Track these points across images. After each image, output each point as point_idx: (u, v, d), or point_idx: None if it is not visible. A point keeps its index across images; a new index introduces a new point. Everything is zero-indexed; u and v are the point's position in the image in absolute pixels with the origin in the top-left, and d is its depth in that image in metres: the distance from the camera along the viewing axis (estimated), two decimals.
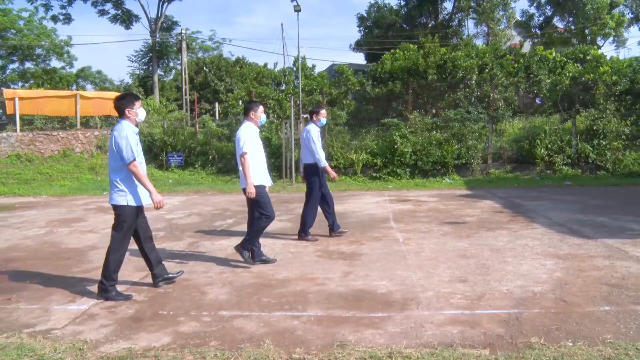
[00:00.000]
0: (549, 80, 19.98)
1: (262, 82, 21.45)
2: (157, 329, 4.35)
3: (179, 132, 19.93)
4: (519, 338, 3.93)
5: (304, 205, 8.06)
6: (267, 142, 17.75)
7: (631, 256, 6.34)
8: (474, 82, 19.37)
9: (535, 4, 37.61)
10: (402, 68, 19.80)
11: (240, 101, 20.51)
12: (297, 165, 17.08)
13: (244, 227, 9.05)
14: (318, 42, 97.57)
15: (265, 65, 23.43)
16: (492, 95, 19.17)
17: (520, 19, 39.17)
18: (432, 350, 3.75)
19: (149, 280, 5.66)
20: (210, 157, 18.84)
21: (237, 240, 7.62)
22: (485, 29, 37.22)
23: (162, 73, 40.83)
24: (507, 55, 21.43)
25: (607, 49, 40.21)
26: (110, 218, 5.54)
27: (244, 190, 6.37)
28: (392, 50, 22.01)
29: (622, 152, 17.10)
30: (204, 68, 32.99)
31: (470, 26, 39.23)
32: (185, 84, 29.52)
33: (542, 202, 11.40)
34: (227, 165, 18.48)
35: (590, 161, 17.10)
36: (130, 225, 5.27)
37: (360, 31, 41.19)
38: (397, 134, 17.27)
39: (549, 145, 17.11)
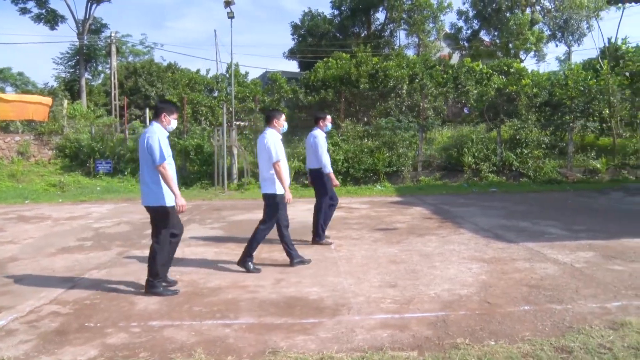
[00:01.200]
0: (475, 91, 20.73)
1: (194, 88, 21.15)
2: (84, 342, 4.21)
3: (107, 139, 19.33)
4: (445, 339, 4.08)
5: (315, 208, 8.08)
6: (199, 149, 17.52)
7: (549, 258, 6.69)
8: (404, 91, 19.85)
9: (463, 18, 39.01)
10: (335, 76, 20.06)
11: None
12: (229, 172, 16.94)
13: None
14: (252, 49, 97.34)
15: (198, 71, 23.14)
16: (422, 104, 19.69)
17: (449, 32, 40.45)
18: (363, 354, 3.83)
19: (75, 291, 5.48)
20: None
21: None
22: (416, 40, 38.20)
23: (90, 77, 39.41)
24: (437, 66, 22.08)
25: (529, 63, 42.26)
26: (32, 228, 5.33)
27: (265, 195, 6.55)
28: (325, 59, 22.26)
29: (542, 160, 17.99)
30: (136, 72, 32.22)
31: (401, 37, 40.23)
32: (115, 89, 28.70)
33: (469, 208, 11.81)
34: None
35: (514, 169, 17.88)
36: (172, 222, 5.46)
37: (294, 39, 41.37)
38: (329, 141, 17.44)
39: (476, 154, 17.75)
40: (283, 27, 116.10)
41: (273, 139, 6.47)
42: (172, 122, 5.55)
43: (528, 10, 35.61)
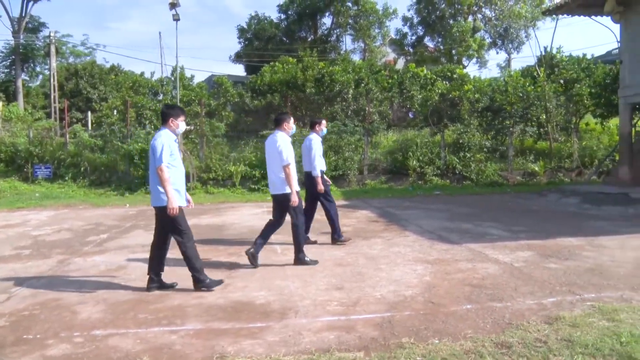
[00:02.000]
0: (420, 96, 21.12)
1: (138, 91, 20.78)
2: (21, 355, 4.06)
3: (46, 142, 18.65)
4: (391, 339, 4.15)
5: (324, 212, 8.20)
6: (143, 153, 17.16)
7: (490, 258, 6.91)
8: (350, 95, 20.03)
9: (408, 24, 39.75)
10: (281, 81, 20.08)
11: (115, 111, 19.62)
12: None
13: (120, 242, 8.75)
14: (197, 52, 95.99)
15: (142, 74, 22.71)
16: (367, 108, 19.93)
17: (394, 38, 41.14)
18: (310, 356, 3.87)
19: (11, 302, 5.29)
20: (82, 169, 17.80)
21: (114, 255, 7.37)
22: (362, 45, 38.69)
23: (28, 78, 37.89)
24: (382, 71, 22.40)
25: (471, 69, 43.39)
26: None
27: (276, 196, 6.93)
28: (271, 63, 22.26)
29: (484, 163, 18.52)
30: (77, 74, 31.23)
31: (347, 42, 40.62)
32: (54, 91, 27.67)
33: (414, 211, 12.03)
34: (101, 177, 17.63)
35: (457, 172, 18.33)
36: (182, 219, 5.69)
37: (240, 42, 41.17)
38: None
39: (421, 157, 18.10)
40: (229, 30, 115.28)
41: (285, 142, 6.76)
42: (180, 124, 5.83)
43: (470, 18, 36.66)
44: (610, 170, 18.01)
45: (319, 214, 8.52)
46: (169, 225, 5.72)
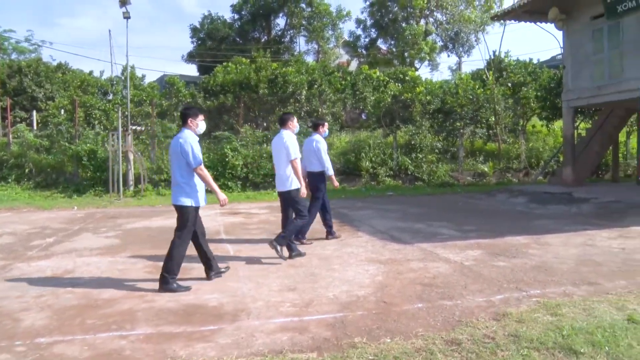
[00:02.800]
0: (373, 98, 21.30)
1: (87, 90, 20.17)
2: None
3: None
4: (344, 339, 4.17)
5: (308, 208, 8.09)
6: (92, 154, 16.73)
7: (441, 258, 7.04)
8: (303, 97, 20.04)
9: (361, 27, 39.99)
10: (234, 81, 19.89)
11: (62, 110, 19.03)
12: (125, 178, 16.34)
13: (67, 246, 8.51)
14: (149, 51, 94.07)
15: (91, 72, 22.02)
16: (320, 110, 20.00)
17: (348, 39, 41.36)
18: (263, 358, 3.85)
19: None
20: (27, 170, 17.20)
21: (60, 260, 7.17)
22: (316, 46, 38.75)
23: None
24: (335, 73, 22.46)
25: (423, 72, 44.12)
26: None
27: (281, 193, 7.31)
28: (224, 63, 22.02)
29: (436, 164, 18.87)
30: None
31: (301, 43, 40.59)
32: None
33: (367, 211, 12.14)
34: (48, 179, 17.08)
35: (409, 173, 18.61)
36: (192, 223, 5.86)
37: (193, 42, 40.56)
38: (228, 147, 17.30)
39: (373, 158, 18.29)
40: (182, 29, 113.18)
41: (290, 139, 7.17)
42: (200, 124, 6.02)
43: (422, 22, 37.18)
44: (555, 171, 18.64)
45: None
46: (179, 222, 5.90)
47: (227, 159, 17.04)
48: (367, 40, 40.41)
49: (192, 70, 43.04)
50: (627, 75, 13.81)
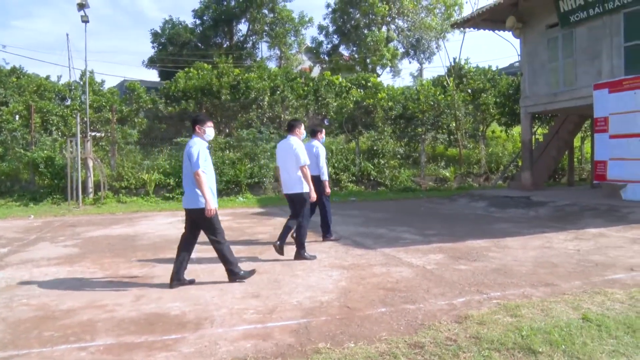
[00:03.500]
0: (335, 104, 21.40)
1: (43, 96, 19.61)
2: None
3: None
4: (307, 345, 4.15)
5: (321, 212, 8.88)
6: (49, 161, 16.32)
7: (404, 262, 7.11)
8: (266, 103, 19.99)
9: (323, 33, 40.17)
10: (196, 87, 19.70)
11: (17, 116, 18.50)
12: (84, 186, 16.01)
13: (22, 256, 8.27)
14: (109, 56, 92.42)
15: (48, 77, 21.35)
16: (283, 116, 19.99)
17: (310, 45, 41.47)
18: None
19: None
20: None
21: (15, 270, 6.98)
22: (278, 52, 38.73)
23: None
24: (298, 79, 22.47)
25: (385, 78, 44.39)
26: None
27: (289, 195, 7.62)
28: (186, 69, 21.79)
29: (398, 169, 19.07)
30: None
31: (263, 49, 40.56)
32: None
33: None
34: (1, 187, 16.58)
35: (372, 178, 18.76)
36: (217, 220, 6.14)
37: (154, 47, 39.96)
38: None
39: (336, 164, 18.37)
40: (143, 33, 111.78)
41: (300, 145, 7.51)
42: (207, 130, 6.21)
43: (384, 29, 37.56)
44: (514, 175, 19.06)
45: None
46: (205, 226, 6.13)
47: None
48: (329, 46, 40.61)
49: (153, 75, 42.53)
50: (580, 82, 14.26)
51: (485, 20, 17.37)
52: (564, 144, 17.65)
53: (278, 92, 20.44)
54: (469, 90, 21.98)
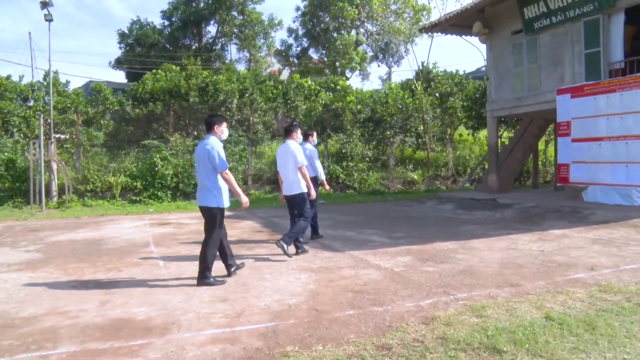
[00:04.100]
0: (304, 106, 21.43)
1: (4, 96, 19.15)
2: None
3: None
4: (275, 349, 4.14)
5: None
6: (10, 164, 15.92)
7: (372, 265, 7.14)
8: (234, 105, 19.91)
9: (293, 36, 40.19)
10: (164, 89, 19.50)
11: None
12: (47, 189, 15.67)
13: None
14: (74, 56, 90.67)
15: (9, 77, 20.86)
16: (252, 118, 19.92)
17: (279, 48, 41.45)
18: None
19: None
20: None
21: None
22: (247, 55, 38.61)
23: None
24: (267, 81, 22.45)
25: (354, 81, 44.78)
26: None
27: (290, 196, 8.03)
28: (154, 71, 21.55)
29: (366, 172, 19.17)
30: None
31: (233, 51, 40.31)
32: None
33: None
34: None
35: (341, 181, 18.81)
36: (220, 223, 6.34)
37: (121, 48, 39.33)
38: (157, 156, 16.92)
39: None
40: (110, 34, 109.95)
41: (297, 148, 7.93)
42: (224, 130, 6.44)
43: (353, 32, 37.76)
44: (481, 178, 19.35)
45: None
46: (208, 224, 6.31)
47: (156, 169, 16.65)
48: (298, 49, 40.64)
49: (120, 77, 41.92)
50: (544, 87, 14.57)
51: (453, 25, 17.62)
52: (528, 147, 18.00)
53: (247, 95, 20.37)
54: (437, 94, 22.27)
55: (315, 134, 9.61)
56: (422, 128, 21.41)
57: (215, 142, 6.23)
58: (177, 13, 37.78)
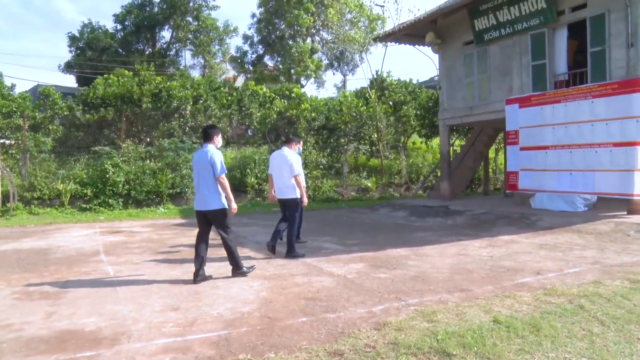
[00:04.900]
0: (259, 114, 21.39)
1: None
2: None
3: None
4: (228, 357, 4.11)
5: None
6: None
7: (325, 272, 7.18)
8: (188, 112, 19.68)
9: (248, 43, 40.14)
10: (116, 94, 19.10)
11: None
12: (4, 195, 15.13)
13: None
14: (21, 58, 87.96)
15: None
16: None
17: (234, 55, 41.31)
18: None
19: None
20: None
21: None
22: (202, 61, 38.30)
23: None
24: (222, 88, 22.32)
25: (310, 89, 44.93)
26: None
27: (283, 200, 8.55)
28: (106, 75, 21.11)
29: (321, 180, 19.23)
30: None
31: (187, 57, 39.92)
32: None
33: (252, 227, 12.12)
34: None
35: None
36: (229, 220, 6.91)
37: (71, 51, 38.29)
38: (109, 162, 16.53)
39: (259, 174, 18.30)
40: (60, 37, 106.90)
41: (294, 157, 8.49)
42: (220, 140, 7.01)
43: (308, 40, 37.97)
44: (433, 185, 19.69)
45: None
46: (219, 224, 6.84)
47: (107, 175, 16.28)
48: (254, 56, 40.63)
49: (70, 81, 40.88)
50: (494, 97, 14.98)
51: (407, 35, 17.92)
52: (479, 155, 18.44)
53: (201, 102, 20.19)
54: (391, 103, 22.58)
55: (301, 142, 9.76)
56: (375, 136, 21.65)
57: (216, 150, 6.75)
58: (130, 17, 37.16)
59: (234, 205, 6.81)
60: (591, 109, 11.88)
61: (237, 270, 6.91)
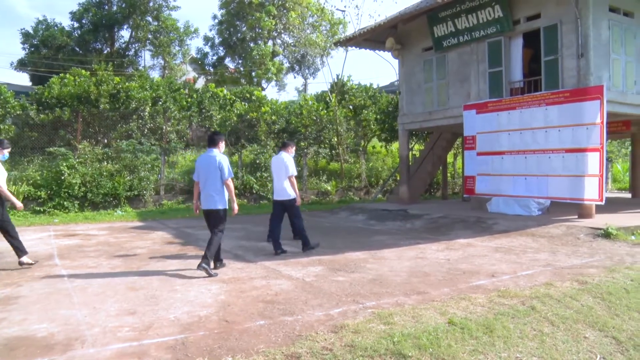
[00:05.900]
0: (219, 116, 21.23)
1: None
2: None
3: None
4: None
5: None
6: None
7: (284, 275, 7.18)
8: (147, 113, 19.38)
9: (209, 44, 39.81)
10: (72, 94, 18.63)
11: None
12: None
13: None
14: None
15: None
16: (165, 127, 19.49)
17: (195, 56, 40.90)
18: None
19: None
20: None
21: None
22: (162, 62, 37.79)
23: None
24: (182, 90, 22.05)
25: (271, 92, 44.88)
26: None
27: (282, 201, 9.22)
28: (61, 74, 20.59)
29: None
30: None
31: (146, 58, 39.34)
32: None
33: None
34: None
35: (254, 191, 18.77)
36: (225, 219, 7.53)
37: (24, 49, 37.09)
38: (64, 164, 16.14)
39: None
40: (12, 33, 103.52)
41: (289, 160, 9.14)
42: (223, 145, 7.57)
43: (270, 43, 37.90)
44: (392, 189, 19.91)
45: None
46: (215, 223, 7.37)
47: (62, 177, 15.88)
48: (214, 58, 40.31)
49: (23, 79, 39.64)
50: (452, 103, 15.26)
51: (367, 40, 18.11)
52: (438, 159, 18.75)
53: (160, 103, 19.91)
54: (351, 107, 22.74)
55: (294, 146, 10.13)
56: (336, 140, 21.78)
57: (222, 155, 7.34)
58: (87, 15, 36.28)
59: (236, 206, 7.46)
60: (545, 115, 12.24)
61: (205, 263, 7.10)
